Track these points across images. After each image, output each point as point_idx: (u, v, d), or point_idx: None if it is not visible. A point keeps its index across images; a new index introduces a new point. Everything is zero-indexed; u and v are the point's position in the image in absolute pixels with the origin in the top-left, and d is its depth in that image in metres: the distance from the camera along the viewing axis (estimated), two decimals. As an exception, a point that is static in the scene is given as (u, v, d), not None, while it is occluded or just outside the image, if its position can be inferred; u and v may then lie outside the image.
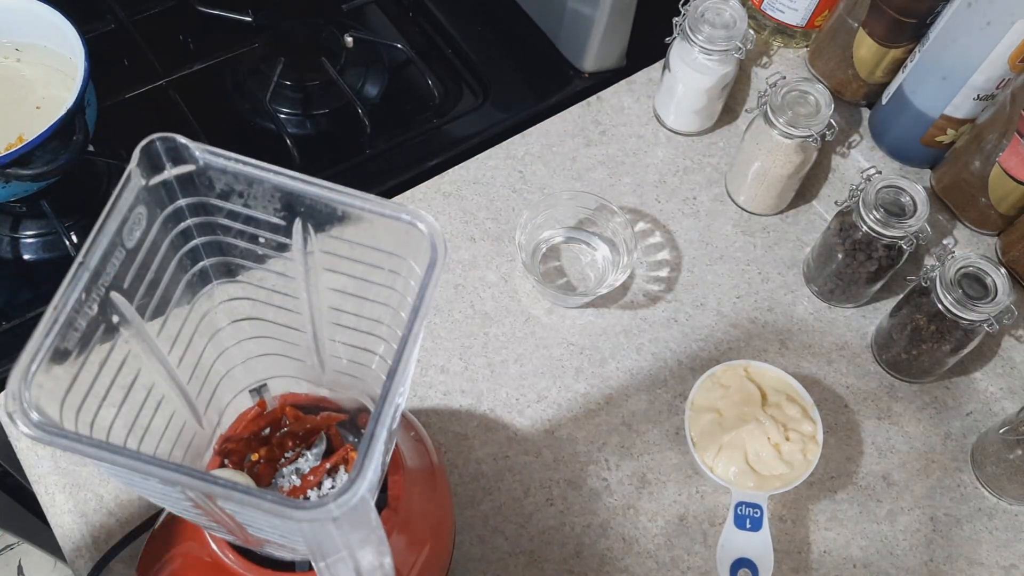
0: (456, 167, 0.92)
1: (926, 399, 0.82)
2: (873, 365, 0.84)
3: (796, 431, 0.73)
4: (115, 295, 0.41)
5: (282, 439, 0.55)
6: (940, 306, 0.73)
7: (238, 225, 0.45)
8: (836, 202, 0.82)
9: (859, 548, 0.75)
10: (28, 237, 0.87)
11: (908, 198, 0.77)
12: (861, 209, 0.76)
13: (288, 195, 0.42)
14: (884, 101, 0.85)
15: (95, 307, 0.39)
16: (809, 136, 0.81)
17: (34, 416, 0.35)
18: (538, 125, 0.95)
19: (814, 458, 0.73)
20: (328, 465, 0.53)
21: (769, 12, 0.89)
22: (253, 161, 0.42)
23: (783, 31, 0.91)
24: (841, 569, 0.74)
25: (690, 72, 0.88)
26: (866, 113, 0.89)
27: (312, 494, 0.52)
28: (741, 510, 0.70)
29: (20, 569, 1.57)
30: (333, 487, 0.53)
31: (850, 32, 0.83)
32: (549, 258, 0.87)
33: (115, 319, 0.42)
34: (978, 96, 0.76)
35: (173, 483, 0.35)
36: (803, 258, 0.88)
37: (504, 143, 0.93)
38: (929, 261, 0.76)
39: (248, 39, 1.01)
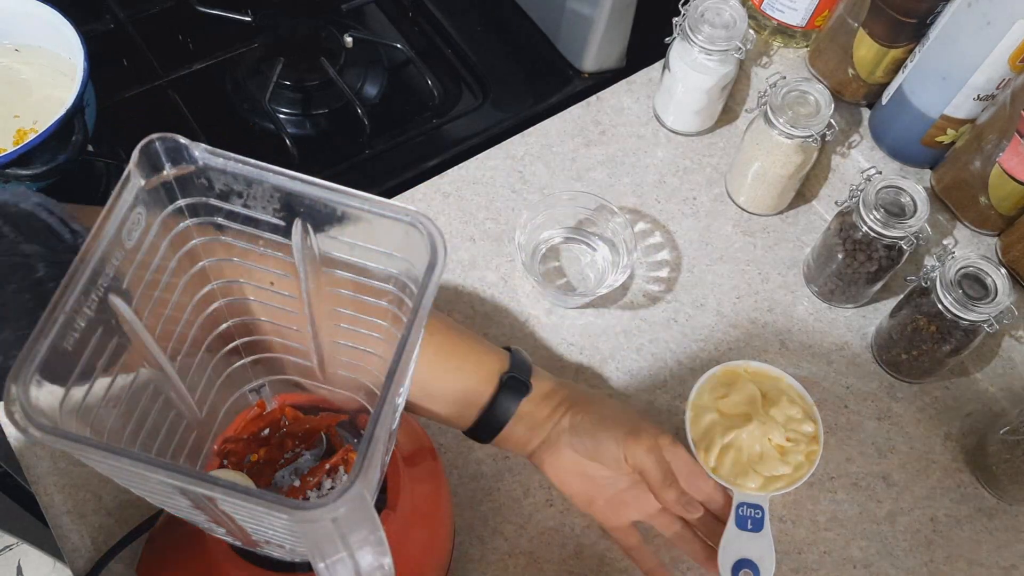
0: (456, 167, 0.91)
1: (926, 399, 0.82)
2: (873, 365, 0.84)
3: (797, 432, 0.73)
4: (114, 295, 0.41)
5: (281, 440, 0.55)
6: (940, 306, 0.73)
7: (237, 225, 0.45)
8: (836, 202, 0.81)
9: (859, 549, 0.75)
10: (27, 237, 0.87)
11: (908, 198, 0.77)
12: (861, 209, 0.76)
13: (287, 195, 0.42)
14: (884, 101, 0.85)
15: (94, 307, 0.39)
16: (809, 136, 0.81)
17: (33, 416, 0.35)
18: (538, 125, 0.95)
19: (816, 459, 0.72)
20: (327, 466, 0.53)
21: (769, 12, 0.89)
22: (252, 161, 0.42)
23: (783, 31, 0.91)
24: (841, 570, 0.74)
25: (690, 72, 0.87)
26: (866, 113, 0.89)
27: (312, 495, 0.52)
28: (743, 511, 0.69)
29: (19, 570, 1.57)
30: (333, 488, 0.53)
31: (850, 32, 0.82)
32: (549, 258, 0.87)
33: (114, 319, 0.42)
34: (978, 96, 0.76)
35: (172, 484, 0.35)
36: (803, 258, 0.88)
37: (504, 143, 0.93)
38: (929, 261, 0.76)
39: (248, 39, 1.00)
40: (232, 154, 0.42)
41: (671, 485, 0.63)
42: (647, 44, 0.96)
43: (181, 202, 0.43)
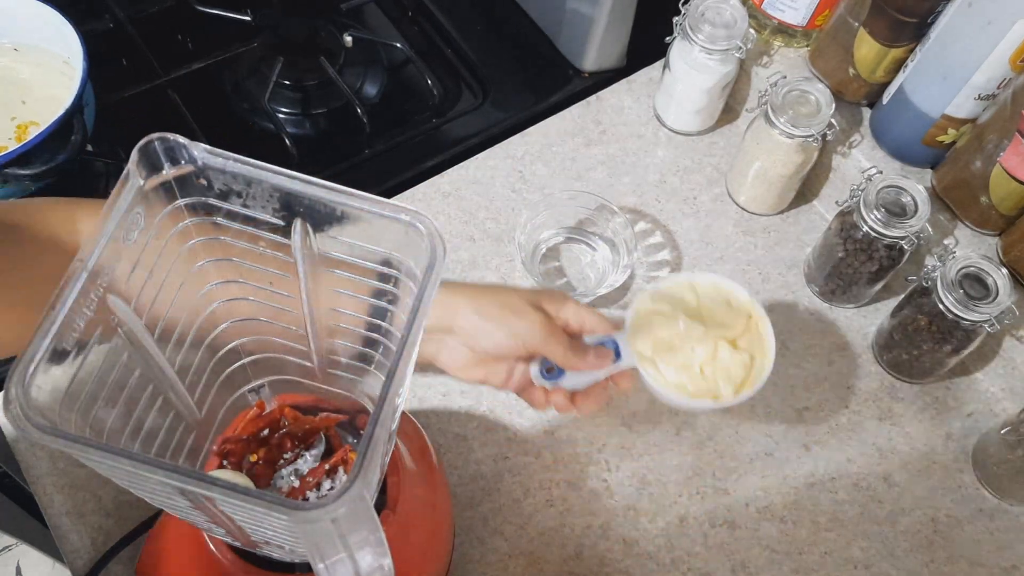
0: (456, 167, 0.91)
1: (927, 400, 0.82)
2: (874, 365, 0.84)
3: (724, 374, 0.65)
4: (114, 295, 0.41)
5: (281, 440, 0.55)
6: (941, 306, 0.73)
7: (237, 225, 0.45)
8: (837, 202, 0.81)
9: (860, 549, 0.75)
10: (27, 237, 0.87)
11: (909, 198, 0.77)
12: (862, 209, 0.76)
13: (287, 195, 0.42)
14: (885, 101, 0.84)
15: (94, 307, 0.39)
16: (810, 136, 0.81)
17: (32, 416, 0.35)
18: (538, 125, 0.95)
19: (709, 401, 0.64)
20: (327, 466, 0.53)
21: (770, 11, 0.89)
22: (252, 161, 0.42)
23: (784, 30, 0.90)
24: (842, 570, 0.74)
25: (690, 72, 0.87)
26: (867, 113, 0.89)
27: (311, 495, 0.52)
28: (605, 341, 0.65)
29: (19, 570, 1.57)
30: (332, 488, 0.53)
31: (851, 31, 0.82)
32: (549, 258, 0.87)
33: (113, 319, 0.41)
34: (979, 96, 0.76)
35: (171, 484, 0.35)
36: (804, 258, 0.88)
37: (504, 143, 0.93)
38: (930, 261, 0.76)
39: (247, 38, 1.00)
40: (231, 154, 0.42)
41: (576, 354, 0.63)
42: (647, 43, 0.95)
43: (180, 202, 0.43)
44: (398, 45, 1.02)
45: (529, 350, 0.63)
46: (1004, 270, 0.73)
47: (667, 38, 0.89)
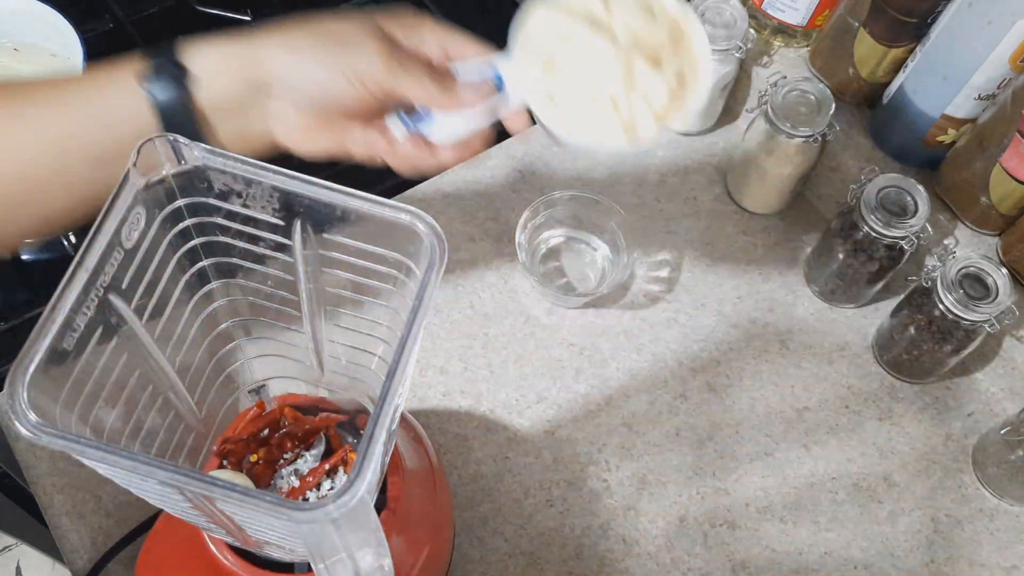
0: (456, 167, 0.91)
1: (927, 400, 0.82)
2: (874, 366, 0.84)
3: (652, 105, 0.51)
4: (113, 296, 0.41)
5: (281, 440, 0.55)
6: (941, 307, 0.73)
7: (236, 225, 0.45)
8: (837, 202, 0.81)
9: (860, 549, 0.75)
10: (27, 237, 0.87)
11: (909, 198, 0.77)
12: (862, 209, 0.76)
13: (287, 195, 0.42)
14: (885, 101, 0.84)
15: (93, 308, 0.39)
16: (810, 136, 0.81)
17: (32, 417, 0.35)
18: (538, 125, 0.94)
19: (616, 141, 0.51)
20: (327, 466, 0.53)
21: (770, 11, 0.89)
22: (251, 161, 0.42)
23: (784, 30, 0.90)
24: (842, 570, 0.74)
25: (690, 72, 0.87)
26: (867, 113, 0.88)
27: (311, 495, 0.52)
28: (479, 72, 0.51)
29: (19, 570, 1.57)
30: (332, 488, 0.53)
31: (851, 32, 0.82)
32: (549, 258, 0.87)
33: (113, 320, 0.42)
34: (979, 96, 0.76)
35: (171, 484, 0.35)
36: (804, 258, 0.88)
37: (504, 143, 0.93)
38: (930, 261, 0.76)
39: (247, 39, 1.00)
40: (231, 154, 0.42)
41: (440, 89, 0.51)
42: (647, 44, 0.95)
43: (180, 202, 0.43)
44: (398, 45, 1.01)
45: (376, 93, 0.50)
46: (1004, 270, 0.73)
47: (667, 38, 0.89)
